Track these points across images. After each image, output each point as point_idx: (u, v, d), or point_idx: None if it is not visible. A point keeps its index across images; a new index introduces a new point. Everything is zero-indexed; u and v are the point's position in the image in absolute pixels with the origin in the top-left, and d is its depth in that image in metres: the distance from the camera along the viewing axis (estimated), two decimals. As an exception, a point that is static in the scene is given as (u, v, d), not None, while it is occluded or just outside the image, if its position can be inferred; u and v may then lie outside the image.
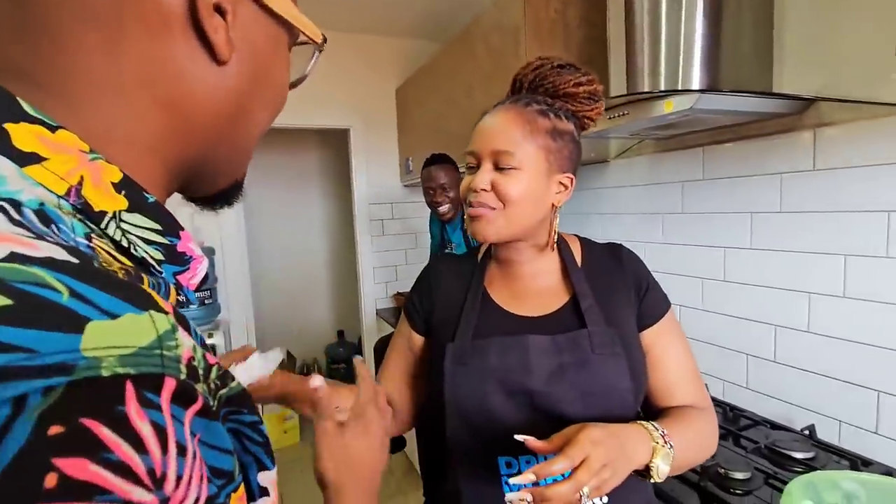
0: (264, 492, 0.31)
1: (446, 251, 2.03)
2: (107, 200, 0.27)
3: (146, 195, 0.29)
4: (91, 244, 0.25)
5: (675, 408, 0.70)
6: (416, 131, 2.67)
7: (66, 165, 0.25)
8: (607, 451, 0.50)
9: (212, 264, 2.50)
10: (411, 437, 2.24)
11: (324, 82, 2.72)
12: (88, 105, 0.27)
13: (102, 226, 0.27)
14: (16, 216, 0.22)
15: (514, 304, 0.72)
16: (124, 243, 0.27)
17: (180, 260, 0.31)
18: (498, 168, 0.65)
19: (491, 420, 0.64)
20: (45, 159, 0.25)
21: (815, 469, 0.95)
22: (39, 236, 0.22)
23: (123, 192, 0.27)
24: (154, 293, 0.23)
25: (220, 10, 0.29)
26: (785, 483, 0.88)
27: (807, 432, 1.12)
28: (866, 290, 1.04)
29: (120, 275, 0.24)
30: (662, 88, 1.10)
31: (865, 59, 0.99)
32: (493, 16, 1.73)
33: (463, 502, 0.68)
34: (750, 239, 1.27)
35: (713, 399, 1.35)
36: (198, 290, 2.49)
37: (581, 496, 0.48)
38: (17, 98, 0.25)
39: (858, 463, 0.99)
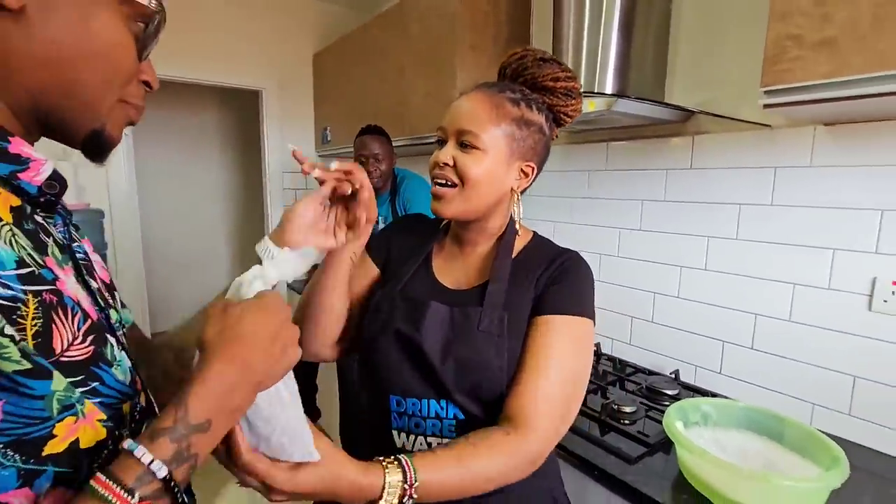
0: None
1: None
2: None
3: None
4: None
5: (479, 432, 0.64)
6: (336, 101, 2.64)
7: None
8: (312, 485, 0.51)
9: (100, 228, 2.26)
10: (327, 408, 2.29)
11: (235, 38, 2.55)
12: None
13: None
14: None
15: (445, 276, 0.79)
16: None
17: (16, 160, 0.38)
18: (461, 146, 0.70)
19: (386, 364, 0.72)
20: None
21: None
22: None
23: None
24: None
25: None
26: (661, 412, 1.14)
27: (673, 376, 1.43)
28: (721, 264, 1.34)
29: None
30: (582, 90, 1.28)
31: (734, 83, 1.27)
32: (430, 0, 1.79)
33: (358, 427, 0.80)
34: (640, 222, 1.54)
35: (605, 354, 1.63)
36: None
37: None
38: None
39: (709, 395, 1.31)
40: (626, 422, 1.18)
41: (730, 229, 1.32)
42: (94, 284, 0.47)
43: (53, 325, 0.36)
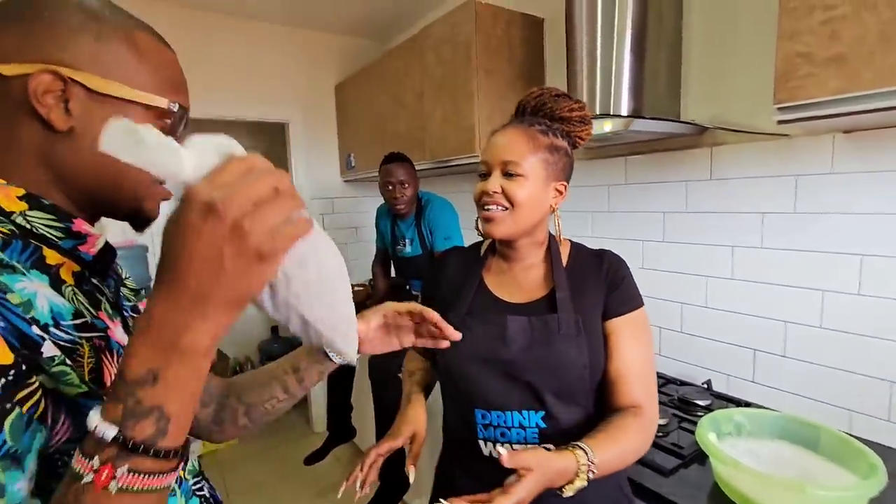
0: None
1: (397, 247, 2.15)
2: (14, 206, 0.45)
3: (43, 201, 0.46)
4: None
5: (615, 418, 0.75)
6: (358, 128, 2.74)
7: None
8: (532, 491, 0.61)
9: (145, 262, 2.39)
10: (364, 427, 2.34)
11: (262, 76, 2.69)
12: (8, 164, 0.46)
13: (12, 218, 0.44)
14: None
15: (504, 292, 0.87)
16: (27, 226, 0.45)
17: (77, 236, 0.48)
18: (506, 175, 0.79)
19: (470, 380, 0.80)
20: None
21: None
22: None
23: (25, 200, 0.45)
24: None
25: (51, 98, 0.44)
26: (694, 424, 1.15)
27: (705, 385, 1.43)
28: (748, 273, 1.35)
29: None
30: (598, 112, 1.33)
31: (749, 94, 1.29)
32: (445, 30, 1.87)
33: (451, 444, 0.87)
34: (662, 234, 1.56)
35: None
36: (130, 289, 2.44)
37: None
38: None
39: (742, 405, 1.31)
40: (660, 434, 1.19)
41: (754, 238, 1.33)
42: None
43: (103, 364, 0.45)
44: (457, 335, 0.65)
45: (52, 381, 0.40)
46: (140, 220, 0.53)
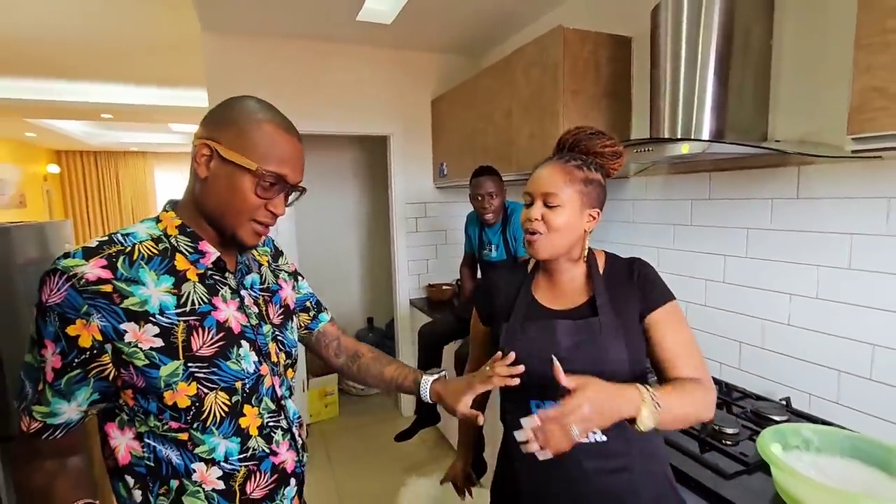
0: None
1: (483, 251, 2.34)
2: (172, 231, 0.79)
3: (187, 228, 0.79)
4: (145, 244, 0.75)
5: (674, 379, 0.88)
6: (451, 140, 2.97)
7: (165, 222, 0.80)
8: (595, 403, 0.71)
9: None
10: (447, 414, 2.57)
11: (367, 95, 3.02)
12: (185, 205, 0.82)
13: (170, 239, 0.78)
14: (112, 235, 0.75)
15: (551, 301, 1.00)
16: (175, 244, 0.78)
17: (200, 253, 0.79)
18: (546, 205, 0.93)
19: (527, 374, 0.89)
20: (160, 221, 0.80)
21: (786, 427, 1.27)
22: (107, 241, 0.74)
23: (177, 227, 0.79)
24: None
25: (201, 158, 0.75)
26: (763, 435, 1.20)
27: (784, 402, 1.44)
28: (832, 293, 1.34)
29: (147, 253, 0.75)
30: (679, 135, 1.40)
31: (839, 115, 1.28)
32: (534, 52, 2.02)
33: (509, 431, 1.00)
34: (745, 250, 1.58)
35: (713, 379, 1.66)
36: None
37: (574, 433, 0.69)
38: (167, 206, 0.82)
39: (821, 423, 1.31)
40: (729, 442, 1.25)
41: (842, 259, 1.32)
42: (254, 310, 0.85)
43: (192, 337, 0.74)
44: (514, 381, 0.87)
45: (128, 355, 0.70)
46: (238, 244, 0.80)
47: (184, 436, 0.74)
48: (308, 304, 1.08)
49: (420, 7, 2.41)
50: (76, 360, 0.68)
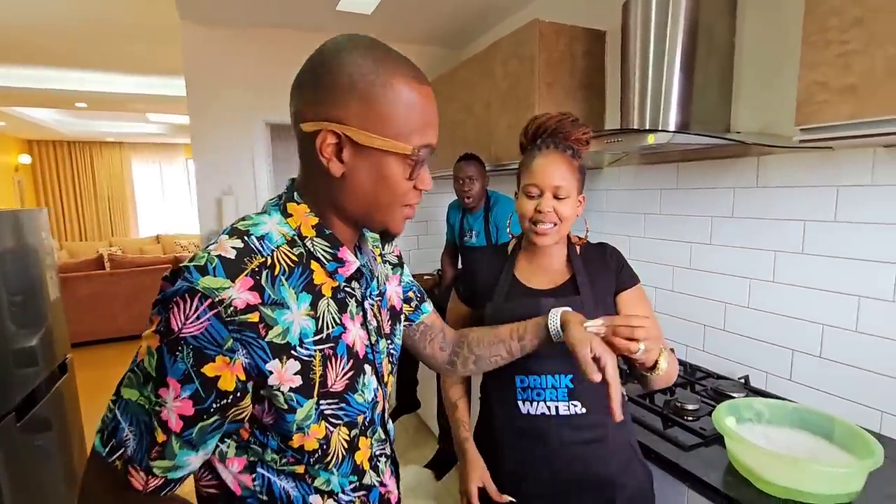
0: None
1: (465, 238, 2.39)
2: (308, 232, 0.62)
3: (325, 230, 0.63)
4: (282, 249, 0.59)
5: None
6: (432, 131, 3.00)
7: (297, 218, 0.62)
8: (651, 327, 0.79)
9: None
10: (427, 400, 2.62)
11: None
12: (313, 197, 0.63)
13: (305, 242, 0.61)
14: (246, 239, 0.57)
15: (533, 281, 1.05)
16: (311, 249, 0.61)
17: (340, 261, 0.63)
18: (556, 197, 0.96)
19: None
20: (291, 216, 0.62)
21: (743, 403, 1.35)
22: (243, 247, 0.56)
23: (314, 229, 0.62)
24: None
25: (329, 151, 0.58)
26: (721, 410, 1.28)
27: (742, 380, 1.52)
28: (789, 276, 1.43)
29: (286, 263, 0.58)
30: (647, 127, 1.46)
31: (791, 107, 1.35)
32: (511, 45, 2.06)
33: (492, 407, 1.05)
34: (710, 237, 1.65)
35: (679, 361, 1.75)
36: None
37: (639, 348, 0.78)
38: (295, 194, 0.63)
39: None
40: (690, 418, 1.33)
41: (795, 244, 1.40)
42: (372, 324, 0.70)
43: (327, 370, 0.60)
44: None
45: (267, 398, 0.57)
46: (387, 235, 0.66)
47: (301, 468, 0.63)
48: (411, 293, 0.92)
49: (400, -2, 2.43)
50: (214, 406, 0.53)
